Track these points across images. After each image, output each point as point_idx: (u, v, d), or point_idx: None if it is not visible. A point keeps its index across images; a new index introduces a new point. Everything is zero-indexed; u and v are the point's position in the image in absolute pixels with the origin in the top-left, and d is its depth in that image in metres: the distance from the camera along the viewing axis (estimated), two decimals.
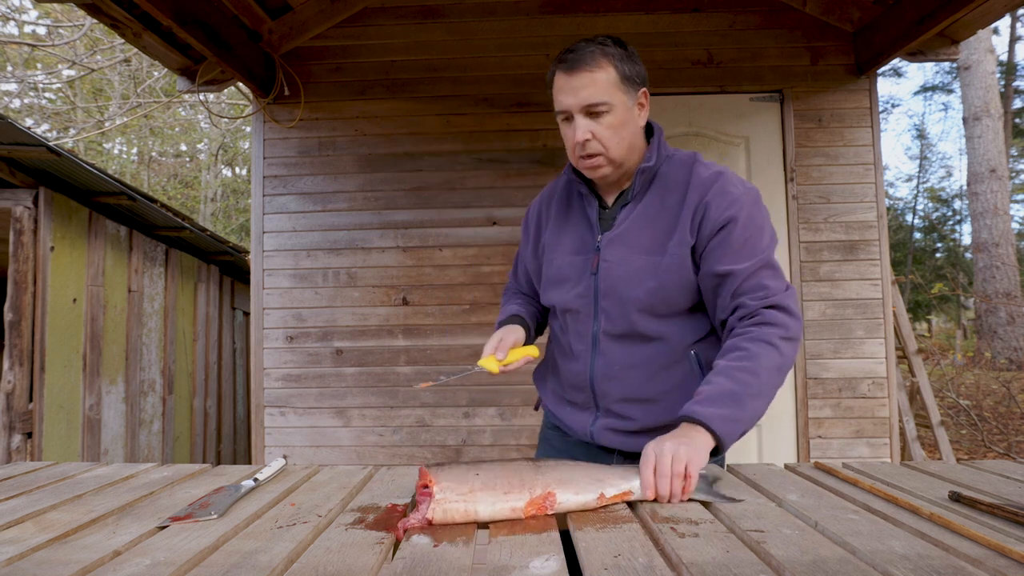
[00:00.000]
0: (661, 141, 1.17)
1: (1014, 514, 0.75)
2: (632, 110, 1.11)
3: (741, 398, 0.96)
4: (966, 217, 13.85)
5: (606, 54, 1.07)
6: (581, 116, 1.08)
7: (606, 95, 1.06)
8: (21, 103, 9.66)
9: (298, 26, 2.88)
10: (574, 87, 1.07)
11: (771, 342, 1.00)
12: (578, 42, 1.09)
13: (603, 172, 1.13)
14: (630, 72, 1.09)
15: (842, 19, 2.82)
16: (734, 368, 0.98)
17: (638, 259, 1.11)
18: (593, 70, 1.06)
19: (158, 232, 3.72)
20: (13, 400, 2.71)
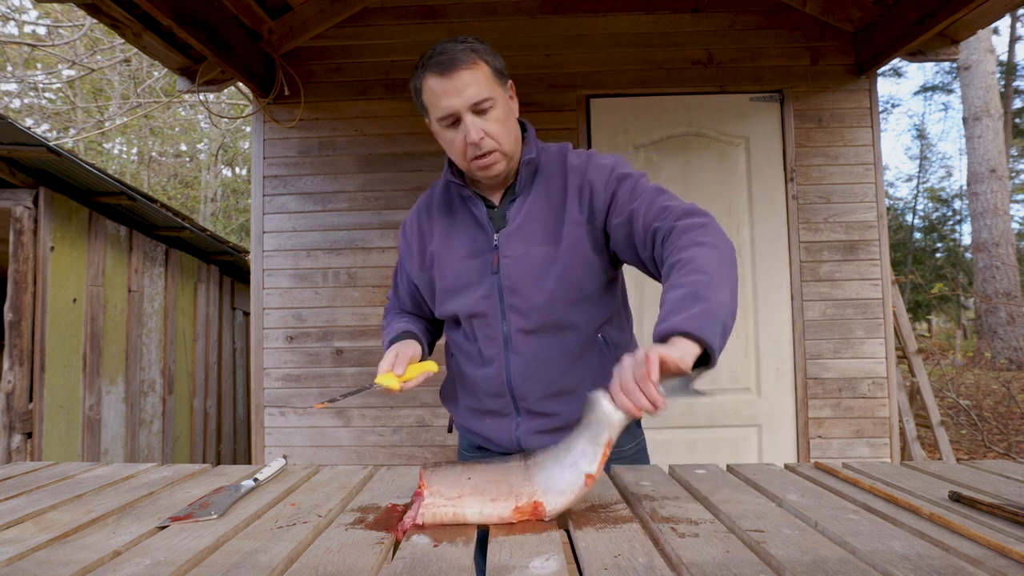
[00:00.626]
0: (534, 134, 1.20)
1: (1014, 514, 0.75)
2: (508, 103, 1.13)
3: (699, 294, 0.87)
4: (966, 217, 13.85)
5: (475, 50, 1.07)
6: (470, 115, 1.06)
7: (488, 91, 1.06)
8: (21, 103, 9.66)
9: (298, 26, 2.88)
10: (456, 87, 1.04)
11: (698, 242, 0.95)
12: (442, 43, 1.08)
13: (499, 168, 1.12)
14: (498, 66, 1.11)
15: (842, 19, 2.82)
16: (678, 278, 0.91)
17: (538, 250, 1.12)
18: (471, 67, 1.05)
19: (158, 232, 3.72)
20: (13, 400, 2.71)
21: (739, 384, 2.76)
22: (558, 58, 2.88)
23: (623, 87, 2.86)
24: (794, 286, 2.77)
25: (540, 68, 2.87)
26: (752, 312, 2.78)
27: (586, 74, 2.87)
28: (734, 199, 2.82)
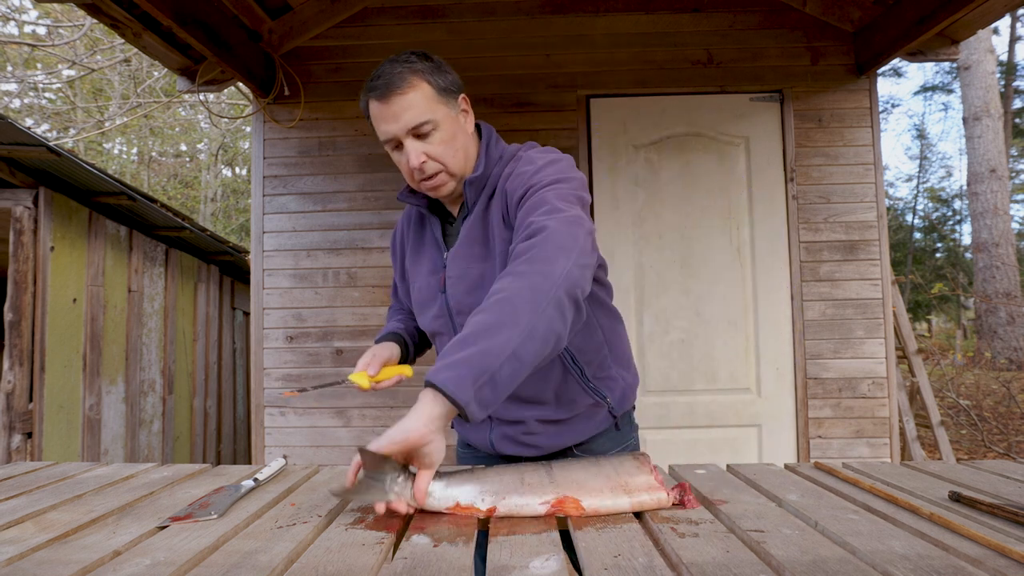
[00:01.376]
0: (491, 144, 1.14)
1: (1014, 514, 0.75)
2: (457, 119, 1.09)
3: (469, 339, 0.81)
4: (966, 217, 13.86)
5: (415, 71, 1.03)
6: (410, 140, 1.04)
7: (427, 113, 1.03)
8: (21, 103, 9.66)
9: (298, 26, 2.88)
10: (394, 113, 1.02)
11: (514, 271, 0.87)
12: (383, 65, 1.05)
13: (447, 188, 1.10)
14: (444, 83, 1.06)
15: (842, 19, 2.82)
16: (474, 315, 0.86)
17: (475, 268, 1.09)
18: (406, 91, 1.02)
19: (158, 232, 3.73)
20: (13, 400, 2.71)
21: (739, 384, 2.76)
22: (558, 58, 2.88)
23: (623, 87, 2.86)
24: (794, 286, 2.77)
25: (540, 68, 2.87)
26: (752, 312, 2.78)
27: (586, 74, 2.87)
28: (734, 199, 2.82)
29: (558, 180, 1.01)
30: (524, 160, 1.08)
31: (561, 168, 1.05)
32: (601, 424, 1.19)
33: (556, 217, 0.92)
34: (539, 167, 1.04)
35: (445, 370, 0.79)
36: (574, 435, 1.17)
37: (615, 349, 1.20)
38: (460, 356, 0.80)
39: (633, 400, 1.24)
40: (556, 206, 0.95)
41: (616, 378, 1.19)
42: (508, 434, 1.17)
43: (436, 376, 0.79)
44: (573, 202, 0.98)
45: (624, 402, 1.20)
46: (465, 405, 0.77)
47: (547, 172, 1.03)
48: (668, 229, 2.81)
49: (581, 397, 1.15)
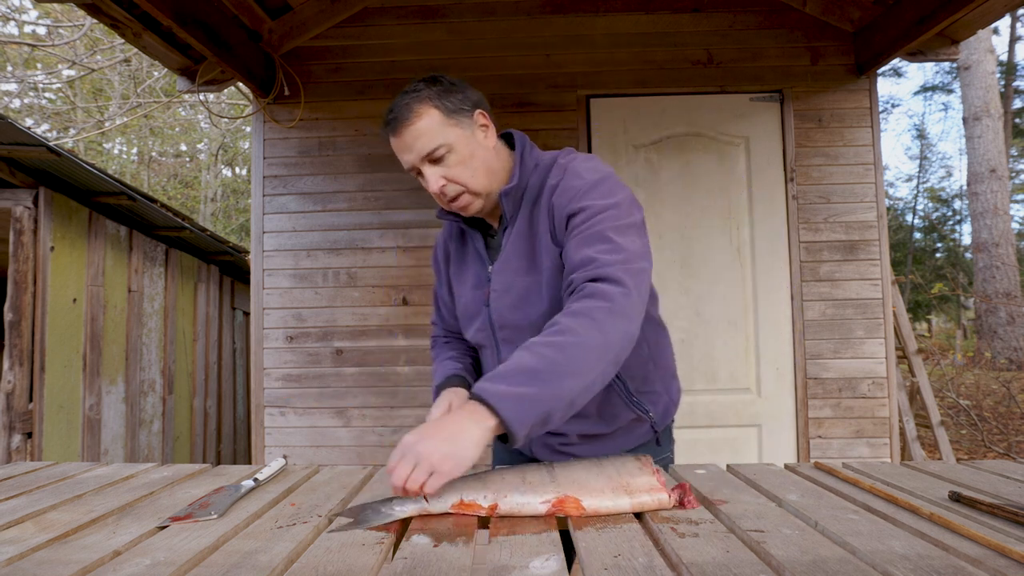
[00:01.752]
0: (526, 153, 1.13)
1: (1014, 514, 0.75)
2: (474, 137, 1.07)
3: (540, 375, 0.84)
4: (966, 217, 13.86)
5: (421, 100, 1.04)
6: (427, 166, 1.05)
7: (438, 138, 1.03)
8: (21, 103, 9.66)
9: (298, 26, 2.88)
10: (407, 144, 1.05)
11: (590, 315, 0.89)
12: (396, 98, 1.07)
13: (474, 207, 1.10)
14: (454, 104, 1.06)
15: (842, 19, 2.82)
16: (541, 343, 0.88)
17: (521, 281, 1.08)
18: (413, 122, 1.03)
19: (158, 232, 3.72)
20: (13, 400, 2.71)
21: (739, 384, 2.76)
22: (558, 58, 2.88)
23: (623, 87, 2.86)
24: (794, 286, 2.77)
25: (540, 68, 2.87)
26: (752, 312, 2.78)
27: (586, 74, 2.87)
28: (734, 199, 2.82)
29: (610, 205, 1.00)
30: (570, 173, 1.06)
31: (609, 188, 1.03)
32: (641, 438, 1.18)
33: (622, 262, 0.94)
34: (589, 184, 1.03)
35: (511, 400, 0.82)
36: (613, 448, 1.17)
37: (659, 363, 1.18)
38: (528, 391, 0.83)
39: (674, 414, 1.23)
40: (618, 244, 0.96)
41: (659, 392, 1.18)
42: (548, 443, 1.18)
43: (501, 403, 0.82)
44: (630, 233, 1.00)
45: (666, 416, 1.19)
46: (520, 438, 0.83)
47: (597, 193, 1.02)
48: (668, 229, 2.81)
49: (623, 412, 1.14)
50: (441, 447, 0.81)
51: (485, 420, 0.82)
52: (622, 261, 0.95)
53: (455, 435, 0.82)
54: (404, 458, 0.81)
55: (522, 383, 0.83)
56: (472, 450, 0.82)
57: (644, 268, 0.98)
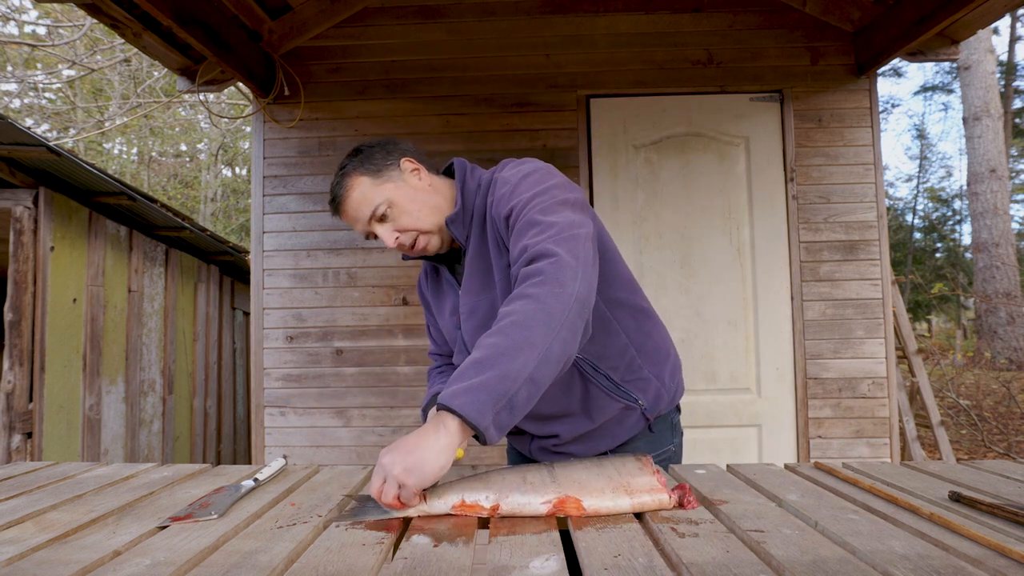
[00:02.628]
0: (467, 178, 1.16)
1: (1014, 514, 0.75)
2: (408, 184, 1.13)
3: (486, 362, 0.83)
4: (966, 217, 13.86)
5: (348, 174, 1.12)
6: (376, 227, 1.12)
7: (374, 200, 1.10)
8: (21, 103, 9.66)
9: (298, 26, 2.88)
10: (352, 216, 1.13)
11: (524, 294, 0.89)
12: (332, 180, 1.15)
13: (433, 246, 1.15)
14: (377, 164, 1.12)
15: (842, 19, 2.82)
16: (485, 336, 0.87)
17: (481, 301, 1.11)
18: (348, 194, 1.11)
19: (158, 232, 3.73)
20: (13, 400, 2.71)
21: (739, 384, 2.76)
22: (558, 58, 2.88)
23: (623, 87, 2.86)
24: (794, 286, 2.77)
25: (540, 68, 2.88)
26: (752, 312, 2.78)
27: (586, 74, 2.87)
28: (734, 199, 2.82)
29: (535, 194, 1.02)
30: (499, 182, 1.10)
31: (535, 180, 1.05)
32: (633, 428, 1.17)
33: (551, 236, 0.94)
34: (513, 185, 1.06)
35: (463, 394, 0.80)
36: (607, 441, 1.17)
37: (644, 348, 1.17)
38: (477, 380, 0.81)
39: (670, 402, 1.21)
40: (546, 222, 0.96)
41: (648, 379, 1.16)
42: (544, 447, 1.19)
43: (454, 400, 0.80)
44: (559, 210, 0.99)
45: (658, 402, 1.18)
46: (484, 430, 0.80)
47: (522, 188, 1.04)
48: (668, 229, 2.81)
49: (609, 404, 1.13)
50: (403, 460, 0.81)
51: (447, 423, 0.82)
52: (551, 236, 0.94)
53: (415, 446, 0.81)
54: (376, 474, 0.83)
55: (471, 376, 0.82)
56: (434, 458, 0.80)
57: (576, 234, 0.96)
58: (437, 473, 0.81)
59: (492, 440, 0.81)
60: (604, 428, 1.16)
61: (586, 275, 0.92)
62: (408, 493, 0.81)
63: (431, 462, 0.80)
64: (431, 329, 1.36)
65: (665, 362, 1.20)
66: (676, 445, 1.24)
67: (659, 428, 1.20)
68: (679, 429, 1.26)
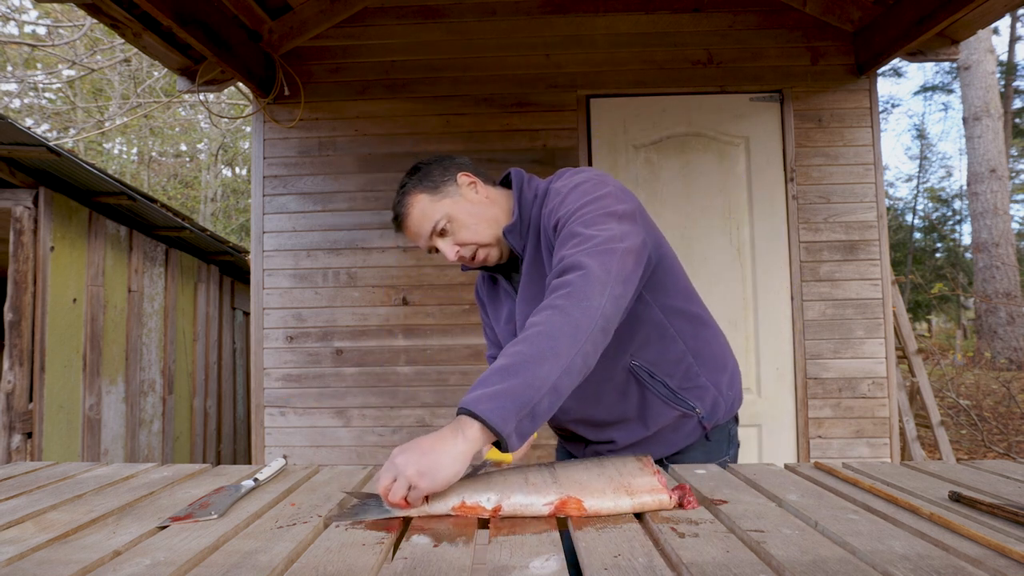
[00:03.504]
0: (524, 188, 1.18)
1: (1014, 514, 0.75)
2: (465, 198, 1.15)
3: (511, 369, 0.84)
4: (966, 217, 13.86)
5: (408, 192, 1.15)
6: (437, 241, 1.15)
7: (434, 216, 1.13)
8: (21, 103, 9.66)
9: (298, 26, 2.88)
10: (413, 233, 1.16)
11: (552, 305, 0.90)
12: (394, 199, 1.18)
13: (493, 256, 1.18)
14: (435, 181, 1.15)
15: (842, 19, 2.82)
16: (511, 344, 0.89)
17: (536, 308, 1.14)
18: (410, 211, 1.14)
19: (158, 232, 3.72)
20: (13, 400, 2.71)
21: None
22: (558, 58, 2.88)
23: (623, 87, 2.86)
24: (794, 286, 2.77)
25: (540, 68, 2.87)
26: (752, 312, 2.78)
27: (586, 74, 2.87)
28: (734, 199, 2.82)
29: (582, 205, 1.03)
30: (552, 193, 1.11)
31: (584, 190, 1.06)
32: (690, 436, 1.17)
33: (587, 249, 0.95)
34: (563, 196, 1.07)
35: (487, 400, 0.81)
36: (662, 448, 1.18)
37: (701, 356, 1.17)
38: (502, 387, 0.82)
39: (728, 412, 1.20)
40: (586, 234, 0.98)
41: (706, 387, 1.16)
42: (599, 452, 1.20)
43: (477, 405, 0.81)
44: (603, 221, 1.00)
45: (715, 411, 1.17)
46: (507, 437, 0.81)
47: (571, 199, 1.05)
48: (668, 229, 2.81)
49: (666, 411, 1.14)
50: (418, 462, 0.80)
51: (467, 428, 0.81)
52: (585, 249, 0.96)
53: (431, 449, 0.81)
54: (387, 471, 0.82)
55: (495, 382, 0.83)
56: (450, 463, 0.80)
57: (613, 248, 0.96)
58: (451, 479, 0.81)
59: (513, 447, 0.82)
60: (660, 435, 1.17)
61: (615, 290, 0.93)
62: (417, 495, 0.80)
63: (446, 467, 0.80)
64: (487, 331, 1.39)
65: (723, 371, 1.20)
66: (732, 456, 1.24)
67: (716, 437, 1.20)
68: (736, 440, 1.26)
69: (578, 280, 0.91)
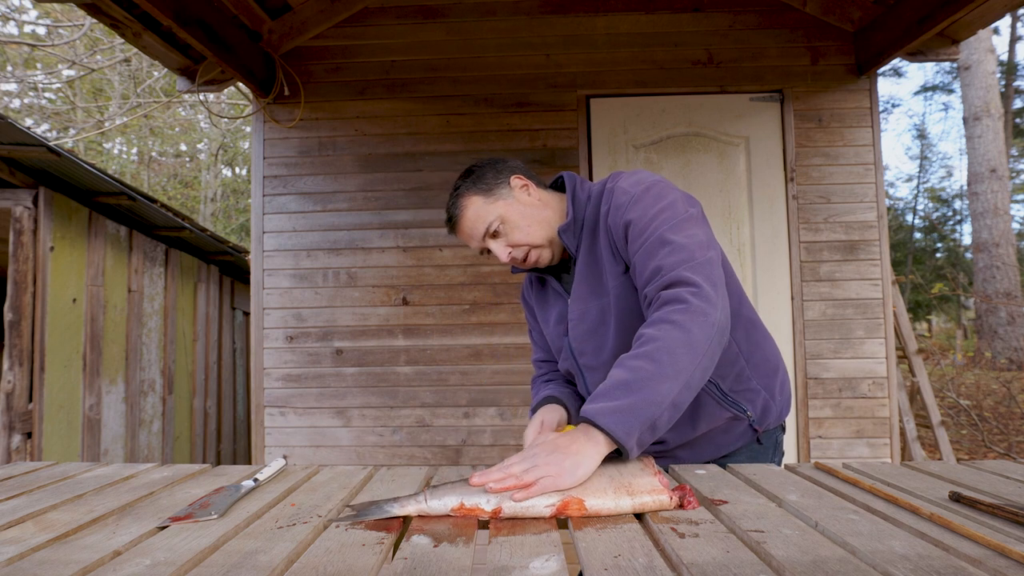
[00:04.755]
0: (577, 189, 1.19)
1: (1014, 514, 0.75)
2: (518, 201, 1.16)
3: (634, 385, 0.89)
4: (966, 217, 13.87)
5: (461, 194, 1.16)
6: (490, 242, 1.16)
7: (487, 218, 1.14)
8: (21, 103, 9.66)
9: (298, 26, 2.88)
10: (467, 235, 1.18)
11: (669, 320, 0.93)
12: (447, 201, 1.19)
13: (544, 258, 1.19)
14: (489, 184, 1.16)
15: (842, 19, 2.82)
16: (629, 357, 0.93)
17: (594, 307, 1.15)
18: (463, 213, 1.16)
19: (158, 232, 3.72)
20: (13, 400, 2.71)
21: None
22: (558, 58, 2.88)
23: (623, 87, 2.86)
24: (794, 286, 2.77)
25: (540, 68, 2.87)
26: None
27: (586, 74, 2.87)
28: (734, 199, 2.82)
29: (661, 209, 1.05)
30: (618, 192, 1.11)
31: (658, 193, 1.08)
32: (741, 438, 1.18)
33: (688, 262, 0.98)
34: (635, 197, 1.08)
35: (611, 414, 0.87)
36: (712, 449, 1.18)
37: (753, 359, 1.18)
38: (626, 403, 0.88)
39: (778, 418, 1.21)
40: (677, 243, 1.00)
41: (757, 390, 1.17)
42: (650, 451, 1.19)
43: (602, 418, 0.87)
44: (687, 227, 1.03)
45: (766, 416, 1.18)
46: (629, 450, 0.88)
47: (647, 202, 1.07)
48: None
49: (717, 412, 1.14)
50: (561, 460, 0.84)
51: (595, 438, 0.87)
52: (684, 260, 0.98)
53: (575, 451, 0.86)
54: (525, 461, 0.85)
55: (619, 396, 0.88)
56: (589, 466, 0.85)
57: (709, 258, 1.00)
58: (583, 479, 0.85)
59: (632, 457, 0.89)
60: (709, 436, 1.17)
61: (723, 303, 0.97)
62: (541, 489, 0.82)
63: (585, 469, 0.85)
64: (534, 334, 1.39)
65: (775, 375, 1.21)
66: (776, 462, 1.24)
67: (766, 442, 1.21)
68: (781, 449, 1.25)
69: (692, 297, 0.95)
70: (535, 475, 0.83)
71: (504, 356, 2.81)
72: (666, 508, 0.84)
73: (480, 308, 2.83)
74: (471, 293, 2.83)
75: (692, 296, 0.95)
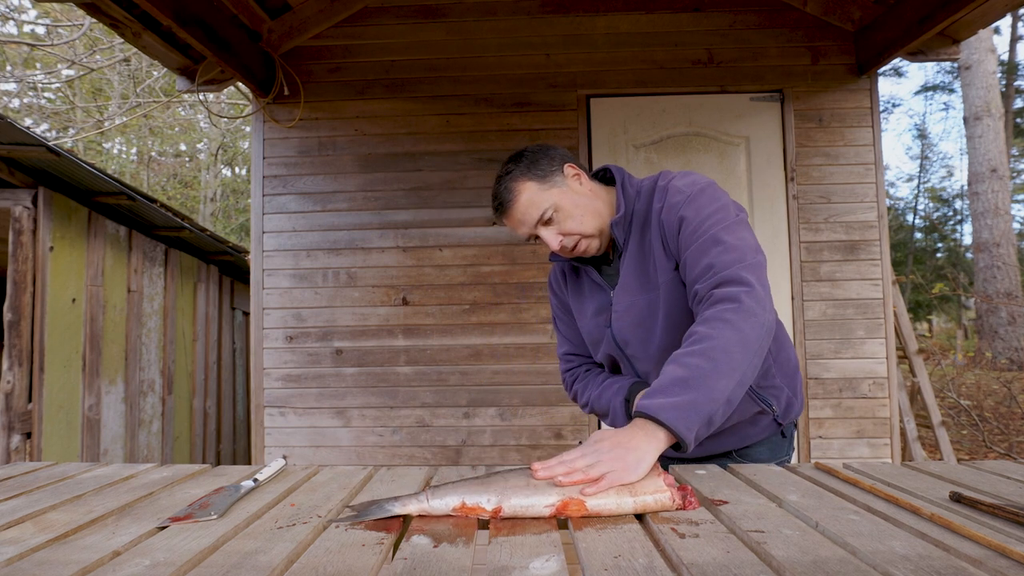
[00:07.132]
0: (626, 184, 1.20)
1: (1015, 515, 0.75)
2: (571, 189, 1.16)
3: (692, 382, 0.92)
4: (967, 217, 13.87)
5: (515, 178, 1.14)
6: (541, 229, 1.15)
7: (541, 205, 1.13)
8: (20, 103, 9.66)
9: (298, 26, 2.88)
10: (517, 221, 1.16)
11: (723, 318, 0.96)
12: (494, 185, 1.17)
13: (593, 248, 1.19)
14: (543, 171, 1.15)
15: (843, 19, 2.82)
16: (684, 354, 0.95)
17: (641, 299, 1.16)
18: (516, 198, 1.14)
19: (158, 232, 3.72)
20: (13, 400, 2.71)
21: None
22: (558, 58, 2.88)
23: (623, 87, 2.86)
24: (794, 286, 2.76)
25: (540, 68, 2.87)
26: None
27: (586, 74, 2.87)
28: (734, 199, 2.82)
29: (715, 210, 1.09)
30: (671, 191, 1.14)
31: (711, 194, 1.11)
32: (765, 431, 1.22)
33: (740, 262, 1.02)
34: (689, 196, 1.11)
35: (672, 410, 0.90)
36: (735, 440, 1.22)
37: (777, 358, 1.22)
38: (686, 399, 0.90)
39: (796, 414, 1.25)
40: (729, 243, 1.04)
41: (780, 387, 1.21)
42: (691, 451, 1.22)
43: (663, 414, 0.89)
44: (738, 230, 1.07)
45: (789, 411, 1.23)
46: (688, 444, 0.90)
47: (701, 202, 1.10)
48: None
49: (747, 405, 1.17)
50: (624, 455, 0.86)
51: (656, 433, 0.89)
52: (737, 260, 1.02)
53: (637, 447, 0.88)
54: (587, 455, 0.86)
55: (678, 393, 0.91)
56: (649, 461, 0.87)
57: (759, 261, 1.05)
58: (644, 474, 0.86)
59: (688, 450, 0.91)
60: (736, 428, 1.20)
61: (772, 304, 1.02)
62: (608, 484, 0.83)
63: (647, 464, 0.87)
64: (562, 327, 1.39)
65: (795, 374, 1.26)
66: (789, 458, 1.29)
67: (788, 434, 1.26)
68: (793, 444, 1.30)
69: (746, 297, 0.98)
70: (601, 470, 0.84)
71: (504, 356, 2.81)
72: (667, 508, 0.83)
73: (480, 308, 2.83)
74: (471, 293, 2.83)
75: (745, 296, 0.98)
